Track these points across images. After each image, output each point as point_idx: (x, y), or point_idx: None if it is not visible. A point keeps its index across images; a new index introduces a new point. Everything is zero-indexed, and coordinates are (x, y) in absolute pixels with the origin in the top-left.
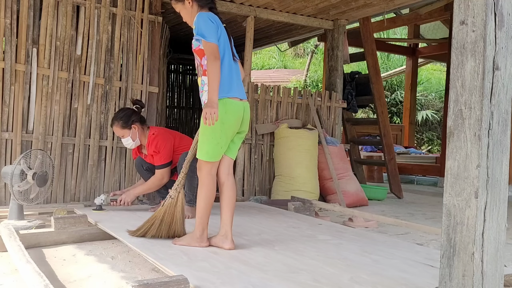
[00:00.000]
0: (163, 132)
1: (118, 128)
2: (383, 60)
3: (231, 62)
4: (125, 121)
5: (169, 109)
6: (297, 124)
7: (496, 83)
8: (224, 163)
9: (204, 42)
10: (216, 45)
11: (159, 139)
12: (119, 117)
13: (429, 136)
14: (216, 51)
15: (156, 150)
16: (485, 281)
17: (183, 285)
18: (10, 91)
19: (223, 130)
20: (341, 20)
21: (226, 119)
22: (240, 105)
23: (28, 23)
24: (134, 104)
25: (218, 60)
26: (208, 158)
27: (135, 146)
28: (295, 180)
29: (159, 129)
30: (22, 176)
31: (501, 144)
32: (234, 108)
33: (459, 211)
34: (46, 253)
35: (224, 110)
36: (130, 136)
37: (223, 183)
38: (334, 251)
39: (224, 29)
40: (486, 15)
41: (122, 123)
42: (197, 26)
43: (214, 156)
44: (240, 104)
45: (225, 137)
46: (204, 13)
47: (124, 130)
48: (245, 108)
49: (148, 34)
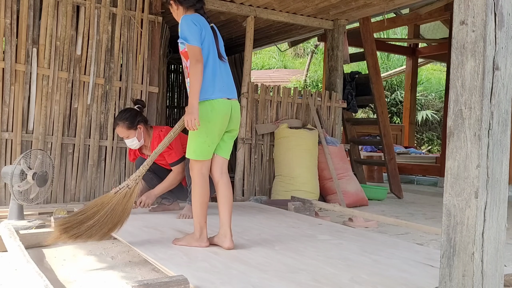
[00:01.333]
0: (170, 129)
1: (124, 129)
2: (383, 60)
3: (216, 63)
4: (131, 121)
5: (169, 109)
6: (297, 124)
7: (496, 83)
8: (217, 163)
9: (187, 45)
10: (199, 48)
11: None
12: (124, 118)
13: (429, 136)
14: (198, 54)
15: (170, 147)
16: (485, 281)
17: (183, 285)
18: (10, 91)
19: (209, 128)
20: (341, 20)
21: (212, 118)
22: (227, 103)
23: (28, 23)
24: (136, 104)
25: (200, 63)
26: (196, 157)
27: (139, 146)
28: (295, 180)
29: (164, 127)
30: (22, 176)
31: (501, 144)
32: (219, 107)
33: (459, 211)
34: (46, 253)
35: (210, 109)
36: (136, 137)
37: (217, 183)
38: (334, 251)
39: (210, 30)
40: (486, 15)
41: (128, 124)
42: (180, 29)
43: (202, 155)
44: (227, 103)
45: (212, 135)
46: (188, 15)
47: (130, 130)
48: (233, 106)
49: (148, 34)
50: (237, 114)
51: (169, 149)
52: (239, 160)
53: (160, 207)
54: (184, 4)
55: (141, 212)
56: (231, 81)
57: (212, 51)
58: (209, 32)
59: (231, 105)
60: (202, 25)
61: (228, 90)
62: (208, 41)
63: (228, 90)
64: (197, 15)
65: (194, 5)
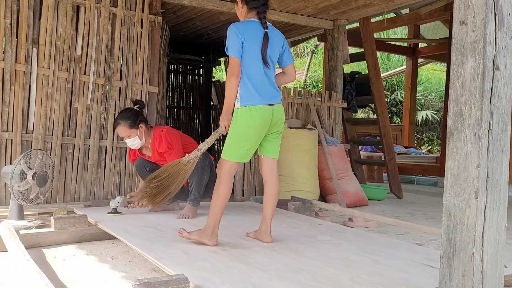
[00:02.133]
0: (170, 130)
1: (126, 128)
2: (383, 60)
3: (259, 70)
4: (134, 120)
5: (169, 109)
6: (297, 124)
7: (496, 83)
8: (266, 163)
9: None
10: (236, 59)
11: (172, 135)
12: (126, 117)
13: (429, 136)
14: (235, 66)
15: (170, 147)
16: (485, 281)
17: (183, 285)
18: (10, 91)
19: (248, 134)
20: (341, 20)
21: (252, 124)
22: (268, 110)
23: (28, 23)
24: (135, 104)
25: (234, 77)
26: (232, 159)
27: (140, 146)
28: (295, 180)
29: (164, 127)
30: (22, 176)
31: (501, 144)
32: (259, 114)
33: (459, 211)
34: (46, 253)
35: (250, 115)
36: (138, 136)
37: (266, 181)
38: (334, 251)
39: (259, 37)
40: (486, 15)
41: (131, 123)
42: (227, 36)
43: (238, 157)
44: (268, 109)
45: (250, 140)
46: (236, 24)
47: (131, 129)
48: (275, 111)
49: (148, 34)
50: (279, 116)
51: (169, 148)
52: None
53: (160, 207)
54: (249, 5)
55: (141, 212)
56: (274, 86)
57: (256, 58)
58: (257, 39)
59: (272, 110)
60: (248, 34)
61: (270, 96)
62: (253, 49)
63: (270, 96)
64: (247, 23)
65: (258, 7)
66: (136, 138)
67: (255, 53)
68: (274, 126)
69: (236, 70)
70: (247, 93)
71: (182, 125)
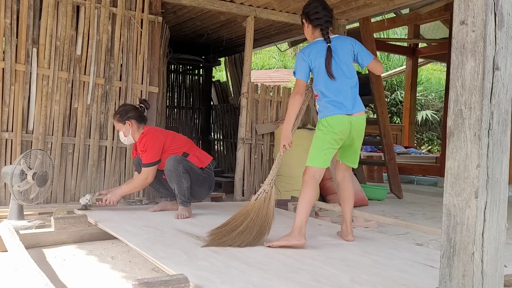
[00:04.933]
0: (153, 131)
1: (116, 121)
2: (383, 60)
3: (328, 84)
4: (122, 115)
5: (169, 109)
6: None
7: (496, 83)
8: (340, 168)
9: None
10: (302, 81)
11: (148, 138)
12: (117, 111)
13: (429, 136)
14: (300, 87)
15: (143, 149)
16: (485, 281)
17: (183, 284)
18: (10, 91)
19: (325, 140)
20: (341, 20)
21: (328, 132)
22: (344, 119)
23: (28, 23)
24: (140, 103)
25: (298, 95)
26: (313, 163)
27: (128, 142)
28: (295, 180)
29: (151, 128)
30: (22, 176)
31: (501, 144)
32: (334, 122)
33: (459, 211)
34: (46, 253)
35: (325, 124)
36: (123, 131)
37: (339, 184)
38: (334, 251)
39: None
40: (486, 15)
41: (119, 117)
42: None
43: (318, 162)
44: (344, 118)
45: (328, 145)
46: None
47: (119, 124)
48: (352, 122)
49: (148, 34)
50: (358, 128)
51: (142, 151)
52: (239, 160)
53: (160, 207)
54: (313, 23)
55: (141, 212)
56: (349, 97)
57: (322, 74)
58: (323, 56)
59: (350, 120)
60: (314, 56)
61: (346, 106)
62: (321, 67)
63: (346, 106)
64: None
65: (322, 25)
66: (122, 133)
67: (323, 70)
68: (350, 139)
69: (301, 89)
70: (323, 106)
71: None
